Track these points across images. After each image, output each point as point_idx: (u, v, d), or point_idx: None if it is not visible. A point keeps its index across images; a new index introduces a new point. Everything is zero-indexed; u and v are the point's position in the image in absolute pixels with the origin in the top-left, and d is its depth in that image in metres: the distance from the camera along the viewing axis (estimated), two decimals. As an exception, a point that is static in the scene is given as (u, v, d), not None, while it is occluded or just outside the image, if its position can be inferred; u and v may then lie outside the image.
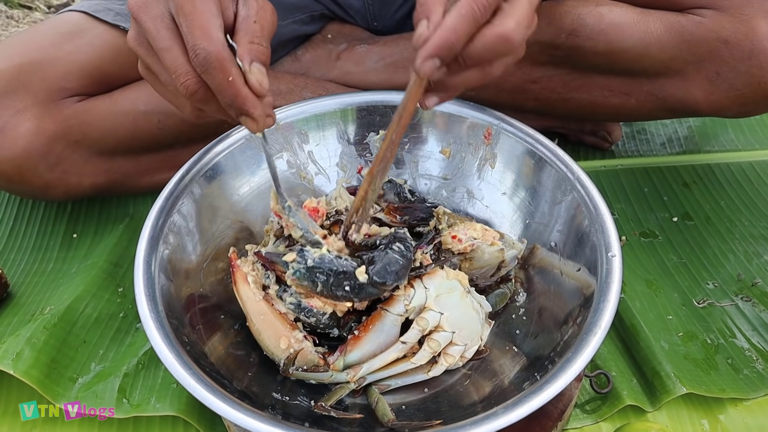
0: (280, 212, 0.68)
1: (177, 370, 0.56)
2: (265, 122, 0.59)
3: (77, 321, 0.79)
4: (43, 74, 0.82)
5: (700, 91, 0.79)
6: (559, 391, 0.54)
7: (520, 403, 0.54)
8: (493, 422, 0.53)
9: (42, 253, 0.92)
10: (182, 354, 0.57)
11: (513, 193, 0.77)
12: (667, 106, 0.84)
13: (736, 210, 0.96)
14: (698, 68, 0.78)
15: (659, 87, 0.82)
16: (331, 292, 0.62)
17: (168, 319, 0.60)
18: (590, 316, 0.59)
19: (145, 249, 0.65)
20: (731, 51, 0.75)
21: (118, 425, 0.72)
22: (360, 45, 1.01)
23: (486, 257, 0.68)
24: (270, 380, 0.65)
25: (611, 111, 0.88)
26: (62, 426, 0.72)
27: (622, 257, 0.63)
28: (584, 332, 0.58)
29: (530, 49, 0.85)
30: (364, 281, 0.61)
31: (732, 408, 0.74)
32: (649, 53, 0.78)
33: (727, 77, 0.77)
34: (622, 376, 0.75)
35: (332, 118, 0.80)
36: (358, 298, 0.63)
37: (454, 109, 0.80)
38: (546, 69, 0.86)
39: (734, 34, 0.75)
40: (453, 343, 0.64)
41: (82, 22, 0.87)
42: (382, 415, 0.61)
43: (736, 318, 0.82)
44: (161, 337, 0.58)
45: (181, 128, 0.89)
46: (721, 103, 0.79)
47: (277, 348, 0.64)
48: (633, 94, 0.84)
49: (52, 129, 0.81)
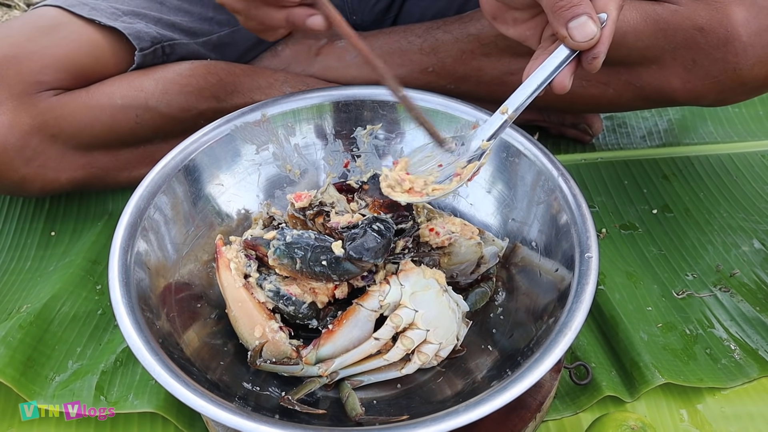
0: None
1: (143, 355, 0.56)
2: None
3: (54, 319, 0.78)
4: (18, 68, 0.81)
5: (677, 79, 0.80)
6: (526, 389, 0.55)
7: (485, 401, 0.54)
8: (457, 418, 0.53)
9: (19, 252, 0.91)
10: (151, 341, 0.57)
11: (495, 190, 0.77)
12: (645, 95, 0.85)
13: (715, 202, 0.97)
14: (674, 56, 0.79)
15: (637, 76, 0.83)
16: (310, 268, 0.63)
17: (141, 308, 0.60)
18: (563, 316, 0.59)
19: (122, 238, 0.64)
20: (706, 38, 0.76)
21: (96, 423, 0.71)
22: (340, 40, 1.01)
23: (463, 251, 0.68)
24: (243, 371, 0.65)
25: (590, 101, 0.89)
26: (39, 424, 0.71)
27: (599, 257, 0.63)
28: (556, 332, 0.58)
29: (509, 40, 0.85)
30: (341, 255, 0.62)
31: (710, 397, 0.74)
32: (625, 42, 0.79)
33: (703, 64, 0.78)
34: (602, 367, 0.76)
35: (319, 112, 0.80)
36: (336, 275, 0.63)
37: (440, 105, 0.80)
38: (525, 60, 0.86)
39: (709, 22, 0.75)
40: (427, 342, 0.64)
41: (57, 17, 0.86)
42: (351, 410, 0.61)
43: (714, 309, 0.82)
44: (131, 323, 0.58)
45: (159, 123, 0.88)
46: (698, 91, 0.80)
47: (251, 336, 0.64)
48: (611, 84, 0.85)
49: (28, 123, 0.81)
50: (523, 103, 0.63)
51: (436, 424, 0.52)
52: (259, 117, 0.77)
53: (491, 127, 0.63)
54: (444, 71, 0.90)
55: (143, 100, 0.86)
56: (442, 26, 0.91)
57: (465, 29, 0.89)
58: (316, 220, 0.70)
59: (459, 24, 0.90)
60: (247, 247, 0.68)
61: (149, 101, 0.86)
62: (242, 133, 0.76)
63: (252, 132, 0.77)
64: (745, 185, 0.99)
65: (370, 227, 0.63)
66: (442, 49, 0.90)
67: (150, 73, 0.88)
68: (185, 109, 0.87)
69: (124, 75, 0.88)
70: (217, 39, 0.94)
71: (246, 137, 0.76)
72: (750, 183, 1.00)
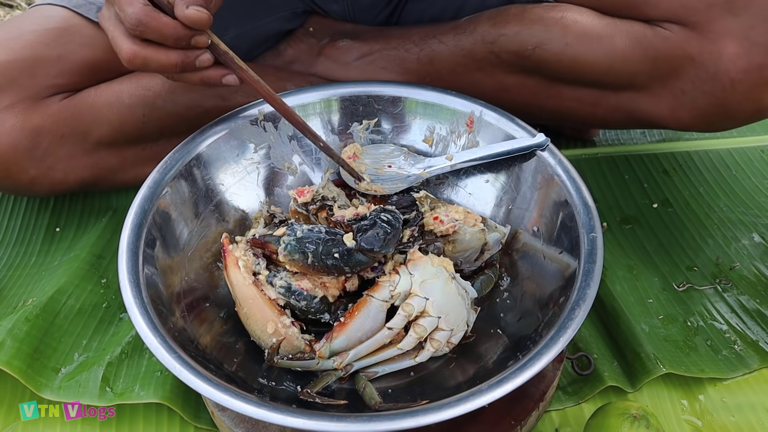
0: None
1: (161, 354, 0.56)
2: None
3: (60, 312, 0.79)
4: (32, 72, 0.81)
5: (666, 106, 0.80)
6: (545, 365, 0.56)
7: (504, 381, 0.55)
8: (477, 399, 0.54)
9: (25, 247, 0.92)
10: (168, 339, 0.58)
11: (495, 179, 0.78)
12: (634, 119, 0.85)
13: (715, 196, 0.97)
14: (664, 84, 0.78)
15: (626, 100, 0.83)
16: (322, 262, 0.64)
17: (154, 305, 0.61)
18: (574, 294, 0.60)
19: (129, 236, 0.65)
20: (696, 70, 0.75)
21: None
22: (342, 40, 1.01)
23: (468, 238, 0.69)
24: (256, 367, 0.66)
25: (581, 120, 0.90)
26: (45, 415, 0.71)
27: (603, 238, 0.64)
28: (567, 311, 0.59)
29: (501, 58, 0.86)
30: (352, 246, 0.63)
31: (711, 388, 0.75)
32: (614, 68, 0.79)
33: (692, 95, 0.77)
34: (604, 358, 0.76)
35: (316, 109, 0.81)
36: (348, 267, 0.64)
37: (437, 98, 0.81)
38: (518, 77, 0.87)
39: (700, 53, 0.74)
40: (439, 328, 0.65)
41: (67, 18, 0.86)
42: (369, 399, 0.62)
43: (715, 301, 0.83)
44: (145, 322, 0.58)
45: (165, 122, 0.89)
46: (685, 120, 0.80)
47: (264, 333, 0.64)
48: (600, 106, 0.85)
49: (39, 124, 0.81)
50: (467, 162, 0.76)
51: (461, 404, 0.53)
52: (256, 115, 0.78)
53: (434, 165, 0.77)
54: (440, 82, 0.90)
55: (150, 99, 0.86)
56: (438, 35, 0.91)
57: (459, 42, 0.89)
58: (319, 215, 0.71)
59: (453, 35, 0.90)
60: (255, 245, 0.68)
61: (156, 100, 0.86)
62: (240, 131, 0.77)
63: (250, 130, 0.78)
64: (744, 180, 1.00)
65: (379, 218, 0.64)
66: (438, 61, 0.91)
67: None
68: (191, 107, 0.88)
69: (132, 75, 0.88)
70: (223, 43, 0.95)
71: (244, 136, 0.77)
72: (750, 178, 1.00)
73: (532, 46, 0.82)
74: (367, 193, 0.74)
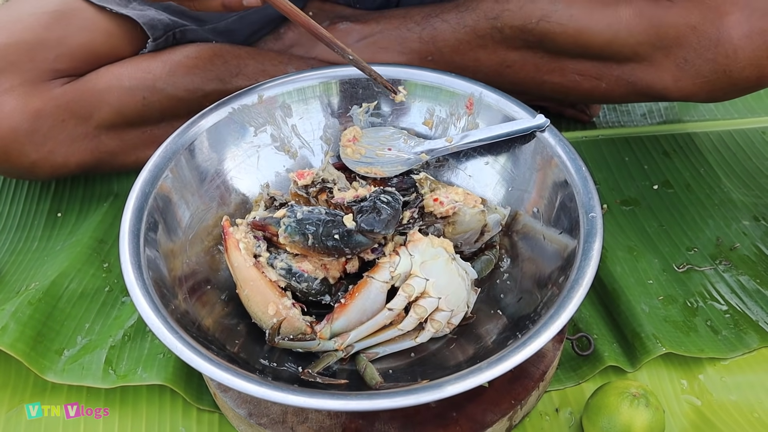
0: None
1: (164, 334, 0.56)
2: None
3: (62, 295, 0.79)
4: (32, 55, 0.81)
5: (669, 76, 0.80)
6: (545, 344, 0.56)
7: (503, 359, 0.55)
8: (477, 377, 0.54)
9: (26, 233, 0.92)
10: (170, 320, 0.58)
11: (495, 161, 0.78)
12: (637, 91, 0.85)
13: (715, 177, 0.97)
14: (667, 54, 0.79)
15: (629, 72, 0.83)
16: (322, 243, 0.64)
17: (156, 288, 0.61)
18: (573, 274, 0.60)
19: (130, 219, 0.65)
20: (698, 37, 0.76)
21: (105, 395, 0.72)
22: (342, 23, 1.01)
23: (468, 219, 0.69)
24: (258, 349, 0.66)
25: (584, 94, 0.90)
26: (51, 395, 0.72)
27: (603, 219, 0.64)
28: (567, 290, 0.59)
29: (504, 33, 0.86)
30: (352, 227, 0.63)
31: (711, 367, 0.75)
32: (618, 38, 0.79)
33: (694, 64, 0.77)
34: (603, 338, 0.76)
35: (315, 92, 0.81)
36: (348, 248, 0.64)
37: (436, 80, 0.80)
38: (520, 53, 0.87)
39: (702, 21, 0.75)
40: (439, 309, 0.65)
41: (68, 2, 0.86)
42: (370, 379, 0.62)
43: (715, 282, 0.83)
44: (147, 303, 0.58)
45: (165, 105, 0.88)
46: (688, 90, 0.80)
47: (265, 314, 0.65)
48: (603, 79, 0.85)
49: (39, 107, 0.81)
50: (466, 144, 0.75)
51: (461, 382, 0.54)
52: (256, 99, 0.77)
53: (434, 148, 0.76)
54: (443, 60, 0.90)
55: (151, 82, 0.86)
56: (440, 14, 0.91)
57: (462, 19, 0.89)
58: (319, 197, 0.71)
59: (456, 13, 0.90)
60: (255, 227, 0.68)
61: (156, 83, 0.86)
62: (240, 115, 0.77)
63: (249, 114, 0.77)
64: (745, 161, 1.00)
65: (378, 199, 0.64)
66: (440, 39, 0.90)
67: (158, 56, 0.88)
68: (191, 90, 0.88)
69: (132, 58, 0.88)
70: (224, 26, 0.95)
71: (244, 119, 0.77)
72: (750, 159, 1.00)
73: (536, 19, 0.82)
74: (367, 176, 0.74)
